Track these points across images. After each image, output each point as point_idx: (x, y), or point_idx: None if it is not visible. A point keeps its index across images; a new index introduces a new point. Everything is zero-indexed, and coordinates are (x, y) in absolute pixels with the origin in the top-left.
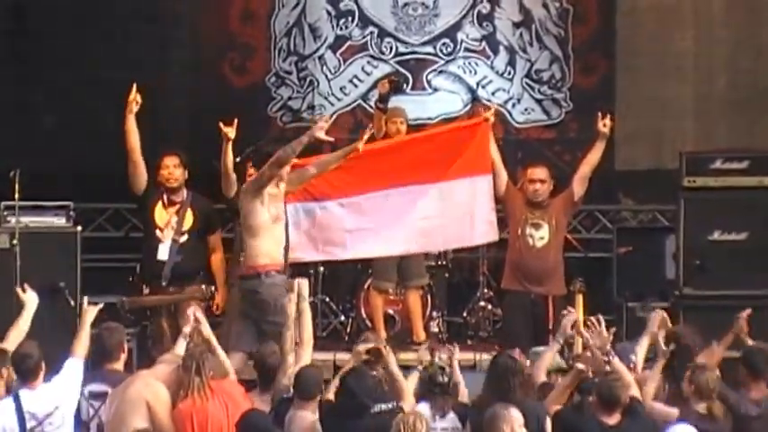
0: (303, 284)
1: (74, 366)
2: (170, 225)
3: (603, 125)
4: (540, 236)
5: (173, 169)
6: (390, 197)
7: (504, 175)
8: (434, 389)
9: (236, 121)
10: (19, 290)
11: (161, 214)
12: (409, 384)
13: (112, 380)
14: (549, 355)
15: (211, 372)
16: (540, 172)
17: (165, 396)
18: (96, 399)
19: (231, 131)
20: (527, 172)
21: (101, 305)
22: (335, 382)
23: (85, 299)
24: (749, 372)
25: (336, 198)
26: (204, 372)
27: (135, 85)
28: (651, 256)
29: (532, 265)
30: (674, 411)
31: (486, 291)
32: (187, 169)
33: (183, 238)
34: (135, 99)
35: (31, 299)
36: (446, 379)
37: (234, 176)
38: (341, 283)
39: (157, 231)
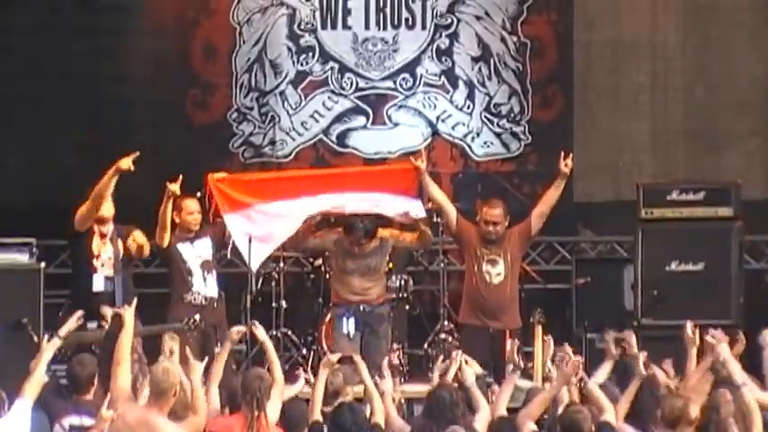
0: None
1: (21, 408)
2: (106, 260)
3: (565, 165)
4: (497, 272)
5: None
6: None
7: (452, 212)
8: None
9: (180, 177)
10: None
11: (98, 245)
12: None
13: (86, 411)
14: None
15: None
16: (496, 215)
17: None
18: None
19: (176, 189)
20: (482, 211)
21: (61, 340)
22: (317, 408)
23: (45, 336)
24: None
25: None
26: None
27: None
28: (610, 287)
29: (490, 301)
30: None
31: (446, 323)
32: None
33: (120, 270)
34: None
35: None
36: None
37: (169, 231)
38: (302, 317)
39: (95, 262)
